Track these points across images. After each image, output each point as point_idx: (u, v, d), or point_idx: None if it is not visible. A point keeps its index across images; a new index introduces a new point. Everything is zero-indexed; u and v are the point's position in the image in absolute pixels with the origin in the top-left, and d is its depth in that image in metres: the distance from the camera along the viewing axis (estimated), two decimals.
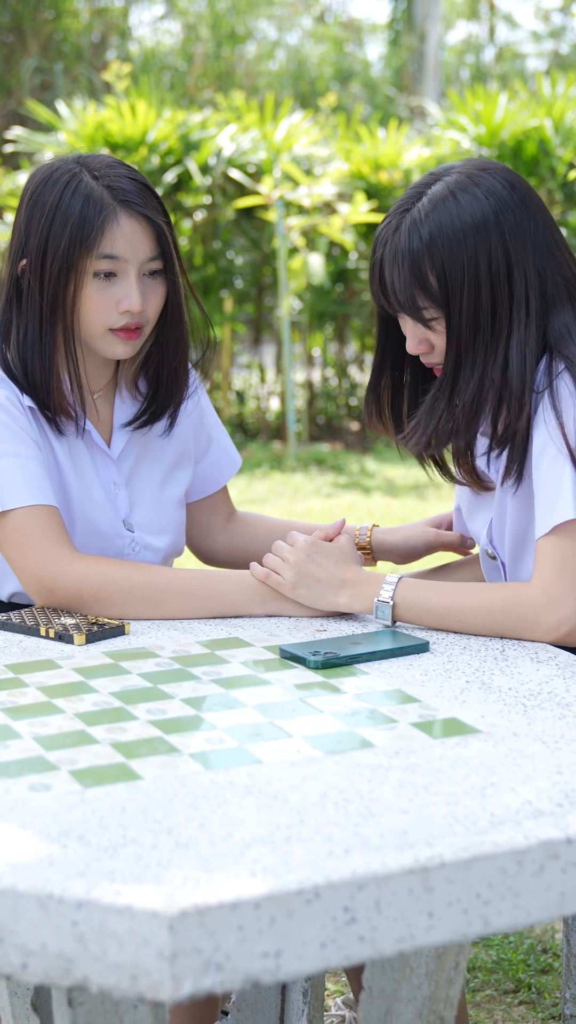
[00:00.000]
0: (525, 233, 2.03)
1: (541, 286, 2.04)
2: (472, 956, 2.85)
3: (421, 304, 2.04)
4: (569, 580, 1.95)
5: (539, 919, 1.32)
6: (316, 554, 2.06)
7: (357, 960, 1.25)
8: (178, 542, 2.35)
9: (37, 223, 2.14)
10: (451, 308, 2.02)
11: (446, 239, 2.00)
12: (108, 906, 1.18)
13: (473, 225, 2.00)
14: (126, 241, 2.13)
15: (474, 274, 2.00)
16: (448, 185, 2.03)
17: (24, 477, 2.11)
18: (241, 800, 1.40)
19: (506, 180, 2.05)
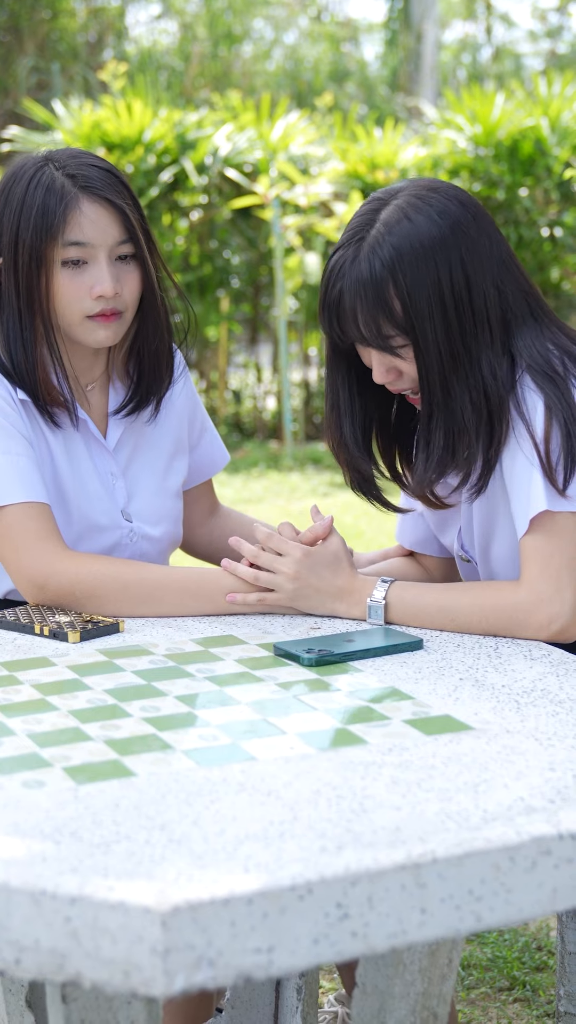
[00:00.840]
0: (481, 250, 2.01)
1: (501, 302, 2.03)
2: (467, 954, 2.86)
3: (387, 332, 1.99)
4: (554, 577, 1.95)
5: (531, 915, 1.33)
6: (314, 564, 2.06)
7: (350, 956, 1.26)
8: (176, 532, 2.35)
9: (7, 219, 2.16)
10: (418, 333, 1.98)
11: (407, 261, 1.96)
12: (101, 902, 1.19)
13: (431, 245, 1.97)
14: (91, 226, 2.13)
15: (438, 295, 1.97)
16: (399, 207, 2.00)
17: (16, 474, 2.12)
18: (234, 796, 1.40)
19: (456, 198, 2.02)
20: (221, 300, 9.33)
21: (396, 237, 1.97)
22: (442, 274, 1.97)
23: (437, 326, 1.98)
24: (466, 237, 1.99)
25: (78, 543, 2.23)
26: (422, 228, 1.97)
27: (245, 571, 2.07)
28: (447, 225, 1.98)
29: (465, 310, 1.99)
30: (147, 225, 2.21)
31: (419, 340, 1.98)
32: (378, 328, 1.99)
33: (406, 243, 1.97)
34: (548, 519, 1.97)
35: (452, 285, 1.98)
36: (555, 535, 1.96)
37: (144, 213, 2.21)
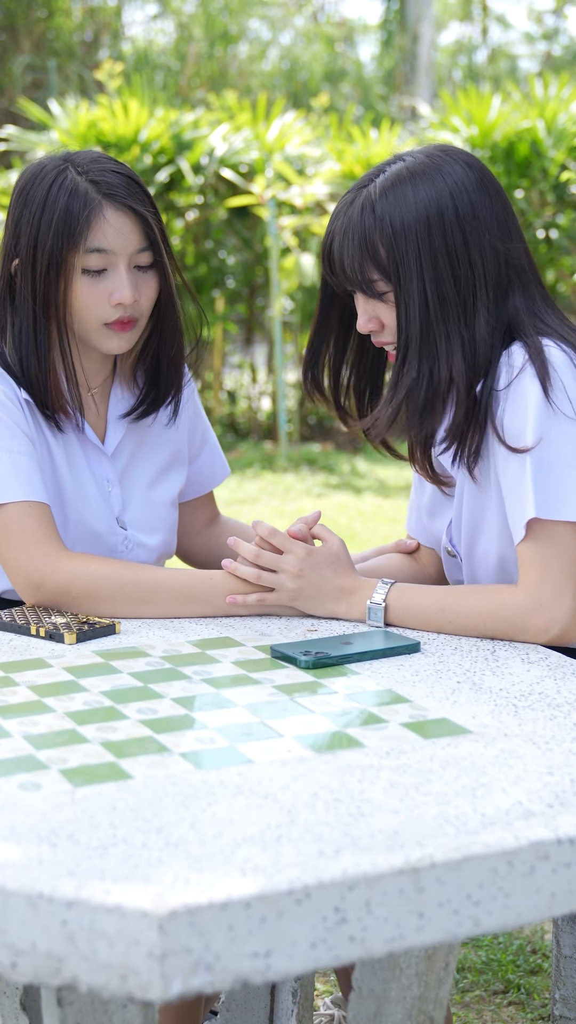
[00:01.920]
0: (481, 214, 2.03)
1: (498, 267, 2.04)
2: (461, 957, 2.85)
3: (371, 276, 2.04)
4: (552, 582, 1.95)
5: (529, 920, 1.32)
6: (316, 564, 2.06)
7: (347, 960, 1.25)
8: (170, 541, 2.35)
9: (26, 222, 2.15)
10: (402, 282, 2.02)
11: (398, 214, 2.01)
12: (98, 905, 1.18)
13: (427, 202, 2.01)
14: (114, 234, 2.13)
15: (429, 250, 2.01)
16: (407, 165, 2.05)
17: (16, 473, 2.11)
18: (231, 800, 1.40)
19: (465, 162, 2.05)
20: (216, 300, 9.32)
21: (395, 189, 2.02)
22: (435, 232, 2.01)
23: (426, 276, 2.01)
24: (466, 200, 2.02)
25: (73, 548, 2.22)
26: (421, 186, 2.02)
27: (246, 570, 2.06)
28: (448, 186, 2.02)
29: (462, 266, 2.01)
30: (165, 231, 2.20)
31: (401, 286, 2.02)
32: (363, 271, 2.04)
33: (401, 196, 2.02)
34: (544, 525, 1.97)
35: (447, 240, 2.01)
36: (552, 541, 1.96)
37: (161, 218, 2.21)
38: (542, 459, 1.96)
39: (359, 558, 2.36)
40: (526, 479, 1.97)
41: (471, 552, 2.15)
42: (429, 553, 2.33)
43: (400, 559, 2.35)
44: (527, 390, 1.98)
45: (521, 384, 1.99)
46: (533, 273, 2.09)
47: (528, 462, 1.97)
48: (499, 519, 2.08)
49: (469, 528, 2.14)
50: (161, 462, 2.33)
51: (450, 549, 2.20)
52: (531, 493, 1.96)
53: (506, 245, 2.05)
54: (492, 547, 2.10)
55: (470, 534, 2.14)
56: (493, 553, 2.11)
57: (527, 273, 2.08)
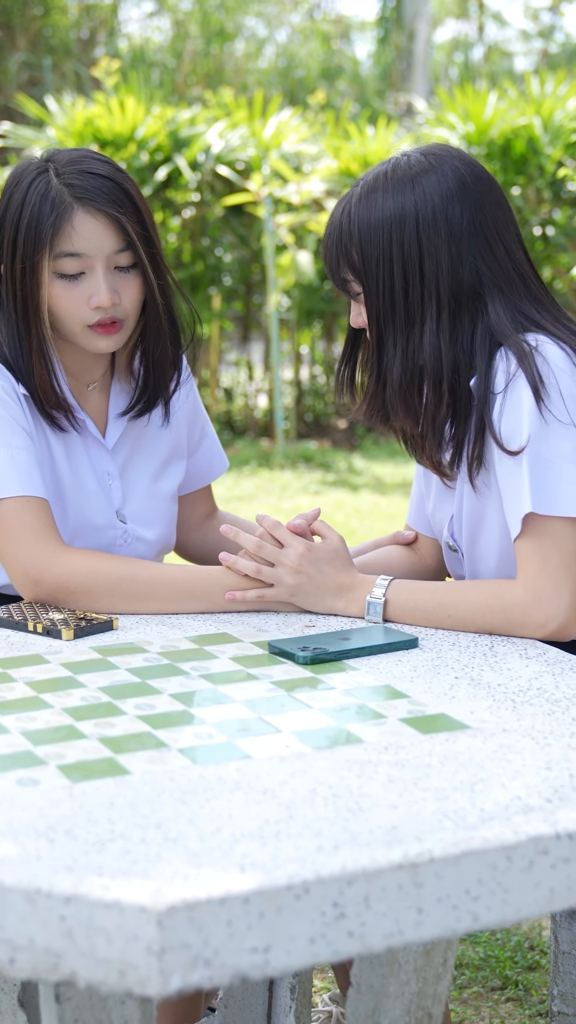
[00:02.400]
0: (451, 224, 2.05)
1: (459, 277, 2.05)
2: (459, 953, 2.85)
3: (346, 276, 2.11)
4: (551, 577, 1.95)
5: (528, 915, 1.32)
6: (315, 559, 2.06)
7: (346, 956, 1.25)
8: (170, 535, 2.35)
9: (8, 224, 2.15)
10: (367, 284, 2.08)
11: (366, 220, 2.07)
12: (96, 901, 1.18)
13: (392, 212, 2.06)
14: (86, 237, 2.11)
15: (388, 258, 2.06)
16: (389, 169, 2.09)
17: (14, 467, 2.11)
18: (230, 795, 1.40)
19: (454, 167, 2.07)
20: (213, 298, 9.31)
21: (369, 195, 2.09)
22: (394, 238, 2.06)
23: (383, 282, 2.07)
24: (429, 208, 2.05)
25: (72, 541, 2.22)
26: (391, 192, 2.07)
27: (246, 563, 2.06)
28: (415, 194, 2.06)
29: (414, 276, 2.06)
30: (151, 231, 2.18)
31: (366, 290, 2.10)
32: (340, 270, 2.12)
33: (374, 201, 2.07)
34: (541, 520, 1.97)
35: (404, 250, 2.06)
36: (550, 536, 1.96)
37: (151, 216, 2.19)
38: (538, 455, 1.96)
39: (356, 551, 2.36)
40: (522, 475, 1.97)
41: (472, 547, 2.15)
42: (429, 544, 2.33)
43: (399, 551, 2.35)
44: (521, 394, 1.98)
45: (516, 388, 1.99)
46: (521, 275, 2.09)
47: (524, 458, 1.97)
48: (500, 515, 2.08)
49: (470, 523, 2.13)
50: (161, 456, 2.33)
51: (451, 543, 2.20)
52: (527, 488, 1.96)
53: (482, 254, 2.05)
54: (494, 542, 2.10)
55: (471, 528, 2.14)
56: (495, 548, 2.11)
57: (512, 277, 2.08)
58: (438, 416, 2.08)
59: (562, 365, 2.00)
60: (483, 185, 2.08)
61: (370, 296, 2.08)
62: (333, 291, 9.40)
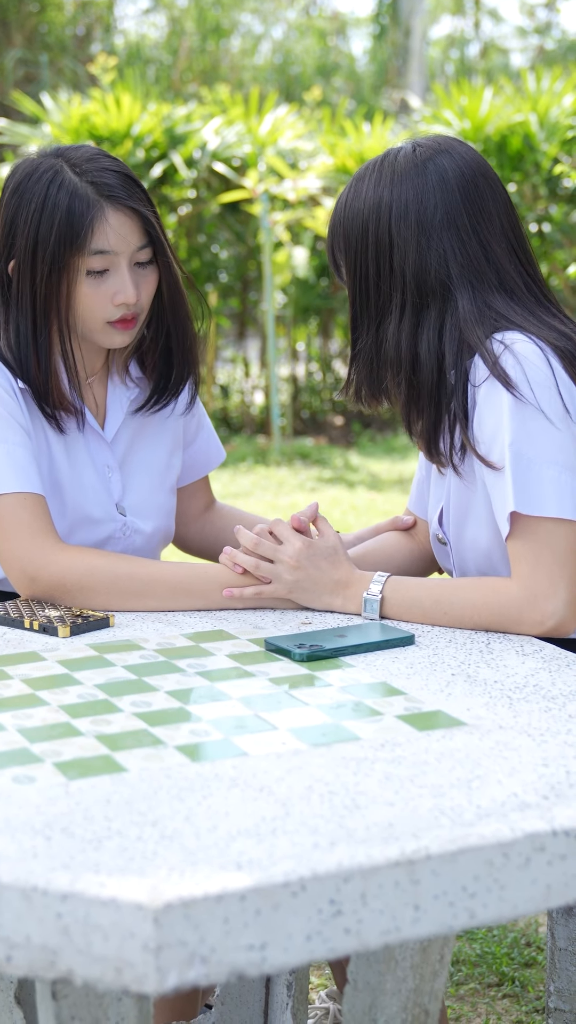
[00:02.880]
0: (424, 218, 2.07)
1: (426, 271, 2.07)
2: (456, 950, 2.85)
3: (338, 262, 2.17)
4: (545, 575, 1.95)
5: (525, 912, 1.32)
6: (313, 556, 2.06)
7: (343, 953, 1.25)
8: (168, 527, 2.35)
9: (24, 223, 2.13)
10: (348, 269, 2.14)
11: (350, 210, 2.12)
12: (93, 898, 1.18)
13: (370, 203, 2.11)
14: (116, 235, 2.13)
15: (362, 247, 2.11)
16: (380, 159, 2.14)
17: (11, 463, 2.10)
18: (226, 792, 1.40)
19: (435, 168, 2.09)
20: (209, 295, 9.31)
21: (354, 185, 2.13)
22: (370, 227, 2.11)
23: (358, 270, 2.13)
24: (403, 200, 2.08)
25: (71, 534, 2.22)
26: (371, 184, 2.12)
27: (244, 559, 2.06)
28: (393, 188, 2.10)
29: (384, 266, 2.11)
30: (162, 225, 2.21)
31: (347, 272, 2.15)
32: (334, 257, 2.18)
33: (361, 186, 2.13)
34: (528, 520, 1.97)
35: (377, 238, 2.10)
36: (539, 535, 1.96)
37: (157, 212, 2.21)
38: (520, 454, 1.96)
39: (357, 536, 2.36)
40: (505, 474, 1.97)
41: (459, 539, 2.15)
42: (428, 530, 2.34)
43: (397, 538, 2.35)
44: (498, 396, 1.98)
45: (492, 391, 1.99)
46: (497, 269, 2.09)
47: (507, 458, 1.97)
48: (485, 509, 2.08)
49: (457, 515, 2.14)
50: (160, 448, 2.34)
51: (440, 536, 2.20)
52: (510, 488, 1.96)
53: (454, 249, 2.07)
54: (481, 535, 2.10)
55: (458, 521, 2.14)
56: (481, 541, 2.11)
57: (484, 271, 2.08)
58: (401, 407, 2.12)
59: (535, 362, 1.99)
60: (466, 180, 2.08)
61: (349, 280, 2.14)
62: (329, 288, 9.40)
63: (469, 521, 2.12)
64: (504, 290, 2.09)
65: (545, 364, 1.99)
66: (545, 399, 1.98)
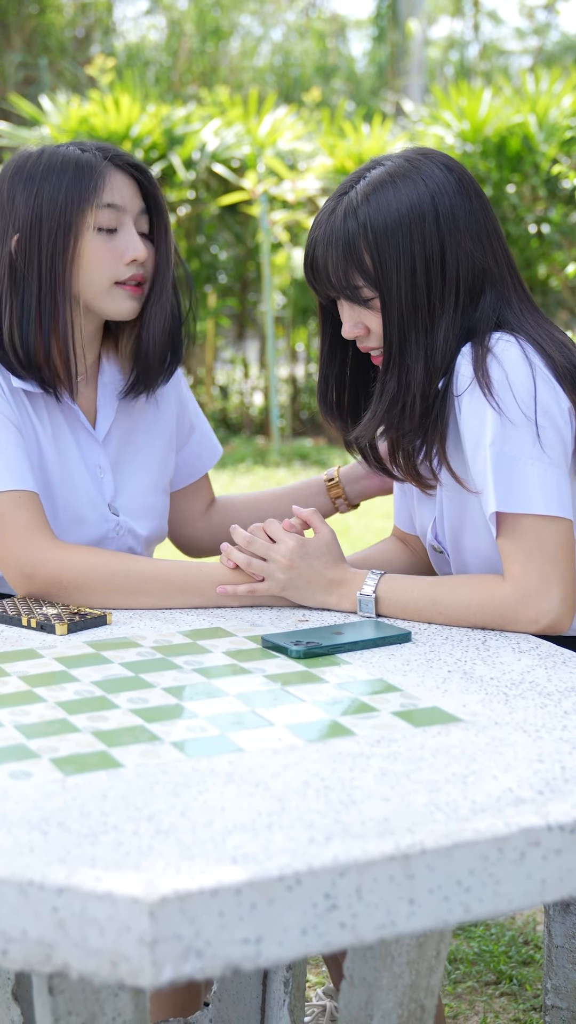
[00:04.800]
0: (460, 218, 2.04)
1: (472, 272, 2.05)
2: (453, 948, 2.86)
3: (355, 283, 2.04)
4: (538, 573, 1.95)
5: (520, 906, 1.32)
6: (306, 555, 2.06)
7: (338, 947, 1.25)
8: (161, 528, 2.35)
9: (25, 195, 2.15)
10: (386, 287, 2.02)
11: (381, 220, 2.01)
12: (89, 892, 1.18)
13: (409, 207, 2.02)
14: (121, 191, 2.18)
15: (409, 255, 2.02)
16: (387, 169, 2.06)
17: (5, 462, 2.11)
18: (222, 787, 1.40)
19: (444, 164, 2.07)
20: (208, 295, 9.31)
21: (377, 195, 2.03)
22: (415, 236, 2.01)
23: (404, 282, 2.02)
24: (446, 203, 2.03)
25: (63, 535, 2.22)
26: (402, 190, 2.03)
27: (238, 555, 2.07)
28: (428, 189, 2.03)
29: (435, 272, 2.03)
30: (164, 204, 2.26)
31: (385, 293, 2.03)
32: (347, 278, 2.04)
33: (384, 202, 2.02)
34: (514, 519, 1.97)
35: (425, 247, 2.02)
36: (528, 533, 1.96)
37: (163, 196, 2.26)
38: (502, 453, 1.96)
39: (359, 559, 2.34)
40: (487, 474, 1.97)
41: (458, 547, 2.15)
42: (418, 541, 2.34)
43: (395, 546, 2.36)
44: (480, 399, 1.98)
45: (475, 393, 1.99)
46: (511, 274, 2.09)
47: (488, 458, 1.97)
48: (481, 515, 2.08)
49: (452, 524, 2.14)
50: (152, 448, 2.34)
51: (436, 545, 2.20)
52: (491, 487, 1.96)
53: (483, 249, 2.05)
54: (479, 542, 2.11)
55: (454, 530, 2.14)
56: (481, 547, 2.11)
57: (504, 275, 2.08)
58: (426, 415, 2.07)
59: (516, 364, 1.99)
60: (472, 183, 2.09)
61: (390, 299, 2.03)
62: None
63: (466, 529, 2.12)
64: (517, 293, 2.09)
65: (526, 365, 1.99)
66: (524, 400, 1.97)
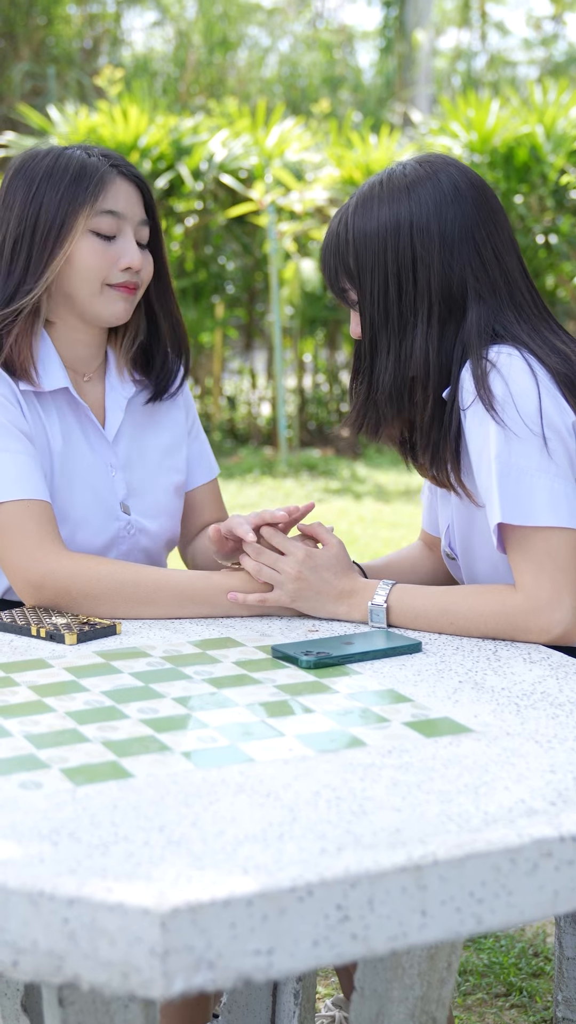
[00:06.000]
0: (442, 232, 2.07)
1: (449, 285, 2.06)
2: (463, 959, 2.85)
3: (343, 285, 2.14)
4: (549, 584, 1.94)
5: (532, 918, 1.32)
6: (316, 566, 2.06)
7: (350, 958, 1.25)
8: (174, 529, 2.35)
9: (25, 191, 2.18)
10: (362, 291, 2.10)
11: (362, 228, 2.09)
12: (99, 903, 1.18)
13: (387, 220, 2.08)
14: (124, 199, 2.19)
15: (383, 263, 2.08)
16: (385, 178, 2.12)
17: (16, 471, 2.11)
18: (233, 798, 1.39)
19: (449, 175, 2.09)
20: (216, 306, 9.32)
21: (365, 202, 2.10)
22: (389, 244, 2.08)
23: (377, 288, 2.09)
24: (426, 216, 2.07)
25: (75, 534, 2.21)
26: (386, 199, 2.09)
27: (250, 563, 2.06)
28: (411, 202, 2.08)
29: (407, 282, 2.08)
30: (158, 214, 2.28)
31: (360, 297, 2.11)
32: (337, 279, 2.14)
33: (369, 209, 2.10)
34: (523, 530, 1.96)
35: (398, 255, 2.08)
36: (537, 545, 1.95)
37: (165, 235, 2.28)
38: (507, 466, 1.96)
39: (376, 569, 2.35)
40: (492, 486, 1.97)
41: (467, 554, 2.15)
42: None
43: (420, 551, 2.37)
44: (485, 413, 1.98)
45: (479, 407, 1.99)
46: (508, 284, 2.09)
47: (493, 471, 1.97)
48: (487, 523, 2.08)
49: (462, 531, 2.14)
50: (162, 447, 2.34)
51: (449, 552, 2.20)
52: (496, 499, 1.96)
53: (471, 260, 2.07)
54: (487, 550, 2.11)
55: (463, 537, 2.14)
56: (487, 556, 2.11)
57: (498, 286, 2.08)
58: (424, 422, 2.10)
59: (519, 377, 1.99)
60: (476, 191, 2.09)
61: (364, 302, 2.10)
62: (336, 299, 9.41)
63: (474, 536, 2.12)
64: (513, 304, 2.09)
65: (530, 378, 1.99)
66: (528, 413, 1.97)
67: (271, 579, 2.06)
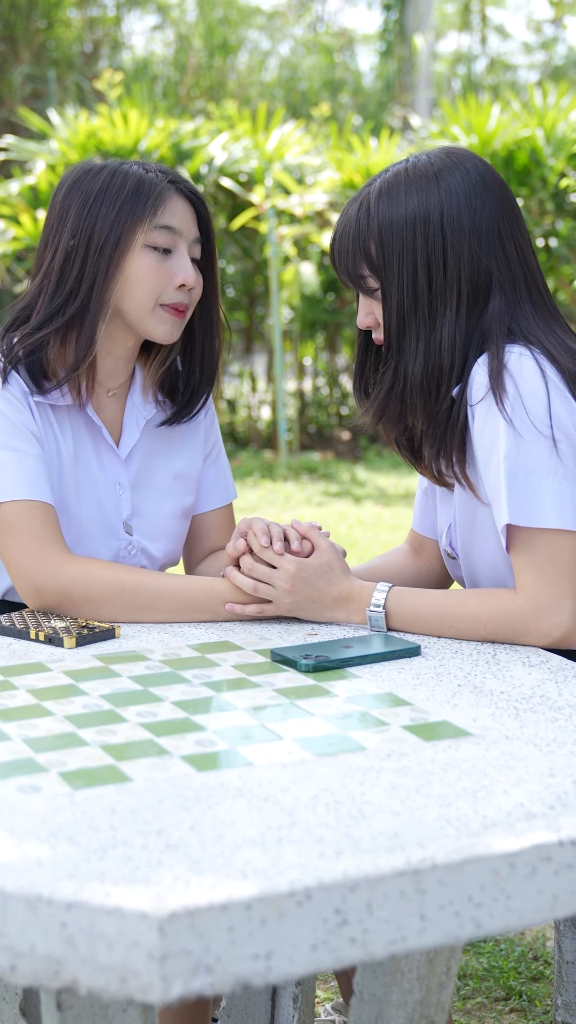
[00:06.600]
0: (470, 221, 2.05)
1: (477, 274, 2.05)
2: (463, 963, 2.84)
3: (362, 272, 2.10)
4: (550, 587, 1.94)
5: (531, 922, 1.31)
6: (308, 577, 2.05)
7: (348, 962, 1.24)
8: (176, 552, 2.34)
9: (80, 207, 2.15)
10: (387, 279, 2.07)
11: (388, 215, 2.06)
12: (97, 907, 1.17)
13: (416, 207, 2.05)
14: (180, 216, 2.18)
15: (411, 251, 2.05)
16: (408, 167, 2.09)
17: (22, 472, 2.10)
18: (232, 802, 1.39)
19: (470, 166, 2.08)
20: None
21: (390, 190, 2.07)
22: (419, 232, 2.05)
23: (405, 276, 2.06)
24: (455, 206, 2.05)
25: (76, 548, 2.21)
26: (414, 188, 2.06)
27: (244, 580, 2.06)
28: (440, 191, 2.06)
29: (437, 270, 2.05)
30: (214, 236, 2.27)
31: (385, 284, 2.07)
32: (356, 267, 2.10)
33: (395, 197, 2.06)
34: (528, 532, 1.96)
35: (428, 245, 2.05)
36: (541, 547, 1.95)
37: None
38: (516, 467, 1.96)
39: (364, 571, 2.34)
40: (500, 487, 1.97)
41: (468, 553, 2.15)
42: (434, 547, 2.34)
43: (404, 555, 2.35)
44: (494, 412, 1.98)
45: (489, 406, 1.99)
46: (526, 277, 2.09)
47: (502, 471, 1.97)
48: (491, 522, 2.08)
49: (464, 529, 2.14)
50: (174, 470, 2.32)
51: (450, 551, 2.20)
52: (504, 500, 1.96)
53: (491, 252, 2.06)
54: (488, 548, 2.10)
55: (465, 535, 2.14)
56: (488, 555, 2.11)
57: (517, 278, 2.08)
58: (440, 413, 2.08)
59: (530, 378, 1.99)
60: (500, 185, 2.10)
61: (390, 290, 2.07)
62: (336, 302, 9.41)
63: (476, 534, 2.12)
64: (531, 300, 2.09)
65: (540, 379, 1.99)
66: (538, 414, 1.97)
67: (267, 594, 2.06)
